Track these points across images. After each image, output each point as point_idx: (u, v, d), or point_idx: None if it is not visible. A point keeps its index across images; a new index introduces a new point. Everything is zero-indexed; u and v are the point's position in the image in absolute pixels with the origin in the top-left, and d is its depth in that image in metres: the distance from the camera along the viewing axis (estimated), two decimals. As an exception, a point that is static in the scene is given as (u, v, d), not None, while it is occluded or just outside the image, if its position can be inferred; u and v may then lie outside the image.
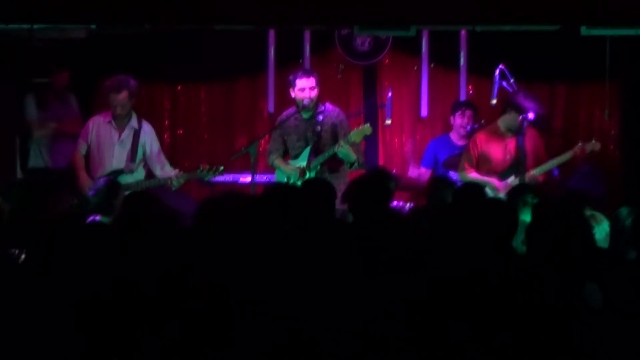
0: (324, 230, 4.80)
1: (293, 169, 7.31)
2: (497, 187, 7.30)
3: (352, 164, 7.14)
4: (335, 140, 7.26)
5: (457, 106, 8.20)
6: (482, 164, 7.44)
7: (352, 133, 7.06)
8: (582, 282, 4.00)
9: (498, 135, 7.46)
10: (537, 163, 7.40)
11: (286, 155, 7.50)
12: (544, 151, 7.61)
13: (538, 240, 4.29)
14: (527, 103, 7.29)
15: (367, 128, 7.07)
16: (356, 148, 7.16)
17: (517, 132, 7.32)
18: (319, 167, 7.24)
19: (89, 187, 7.11)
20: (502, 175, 7.39)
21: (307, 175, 7.22)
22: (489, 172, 7.41)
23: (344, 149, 7.02)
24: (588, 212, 5.17)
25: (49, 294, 3.92)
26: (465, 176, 7.45)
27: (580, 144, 7.44)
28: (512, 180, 7.28)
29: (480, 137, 7.55)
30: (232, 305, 3.82)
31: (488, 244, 4.28)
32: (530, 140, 7.42)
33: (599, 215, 5.17)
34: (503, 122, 7.46)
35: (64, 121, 7.89)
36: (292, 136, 7.42)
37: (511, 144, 7.43)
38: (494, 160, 7.40)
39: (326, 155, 7.19)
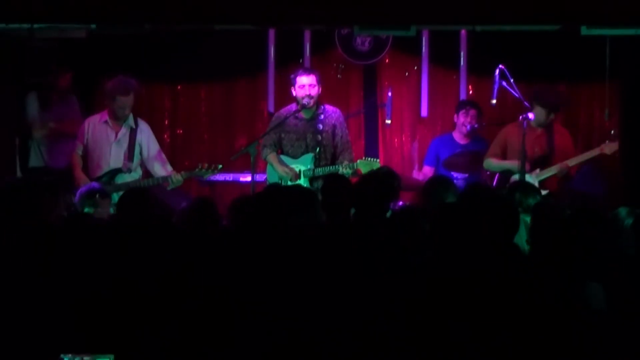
0: (326, 230, 4.80)
1: (286, 172, 7.33)
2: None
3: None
4: (333, 140, 7.37)
5: (462, 105, 8.22)
6: (510, 155, 7.57)
7: (359, 162, 7.23)
8: (583, 282, 4.00)
9: (528, 128, 7.53)
10: (563, 159, 7.57)
11: (278, 150, 7.53)
12: (572, 148, 7.81)
13: (539, 240, 4.30)
14: (549, 97, 7.55)
15: (376, 163, 7.24)
16: (349, 152, 7.40)
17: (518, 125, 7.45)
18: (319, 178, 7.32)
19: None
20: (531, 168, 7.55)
21: (302, 178, 7.27)
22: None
23: (347, 172, 7.15)
24: None
25: (49, 293, 3.92)
26: (491, 163, 7.70)
27: (607, 141, 7.67)
28: (537, 173, 7.51)
29: (511, 129, 7.68)
30: (232, 305, 3.82)
31: (488, 244, 4.27)
32: (559, 137, 7.65)
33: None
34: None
35: (65, 121, 7.89)
36: (291, 135, 7.44)
37: (542, 137, 7.60)
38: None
39: (328, 170, 7.26)
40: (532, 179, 7.42)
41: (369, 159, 7.33)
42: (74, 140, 7.67)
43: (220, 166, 7.39)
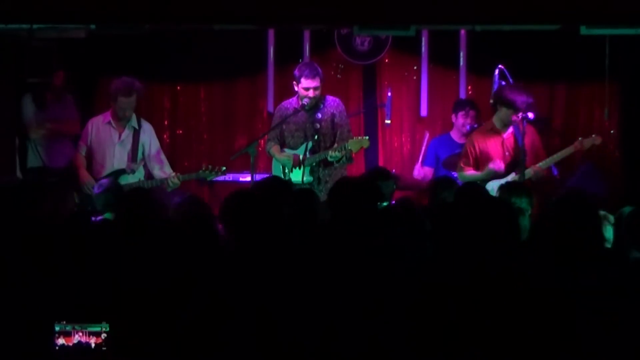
0: (325, 231, 4.80)
1: (287, 156, 7.37)
2: (497, 169, 7.27)
3: (338, 160, 7.26)
4: (332, 129, 7.39)
5: (461, 106, 8.18)
6: (482, 162, 7.41)
7: (350, 142, 7.19)
8: (585, 283, 3.99)
9: (495, 132, 7.43)
10: (536, 160, 7.39)
11: (282, 145, 7.56)
12: (542, 147, 7.60)
13: (541, 240, 4.29)
14: (514, 96, 7.28)
15: (365, 141, 7.21)
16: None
17: (513, 125, 7.32)
18: (313, 163, 7.31)
19: (92, 186, 7.14)
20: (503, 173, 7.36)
21: (301, 167, 7.28)
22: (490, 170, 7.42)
23: (336, 155, 7.14)
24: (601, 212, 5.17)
25: (49, 294, 3.92)
26: (464, 175, 7.42)
27: (580, 138, 7.43)
28: (512, 177, 7.24)
29: (477, 136, 7.52)
30: (232, 306, 3.82)
31: (489, 245, 4.27)
32: (528, 137, 7.38)
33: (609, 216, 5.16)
34: (497, 119, 7.45)
35: (61, 121, 7.88)
36: (291, 126, 7.48)
37: (509, 140, 7.41)
38: (494, 158, 7.37)
39: (322, 156, 7.27)
40: None
41: (358, 137, 7.27)
42: (71, 139, 7.67)
43: (224, 168, 7.41)
